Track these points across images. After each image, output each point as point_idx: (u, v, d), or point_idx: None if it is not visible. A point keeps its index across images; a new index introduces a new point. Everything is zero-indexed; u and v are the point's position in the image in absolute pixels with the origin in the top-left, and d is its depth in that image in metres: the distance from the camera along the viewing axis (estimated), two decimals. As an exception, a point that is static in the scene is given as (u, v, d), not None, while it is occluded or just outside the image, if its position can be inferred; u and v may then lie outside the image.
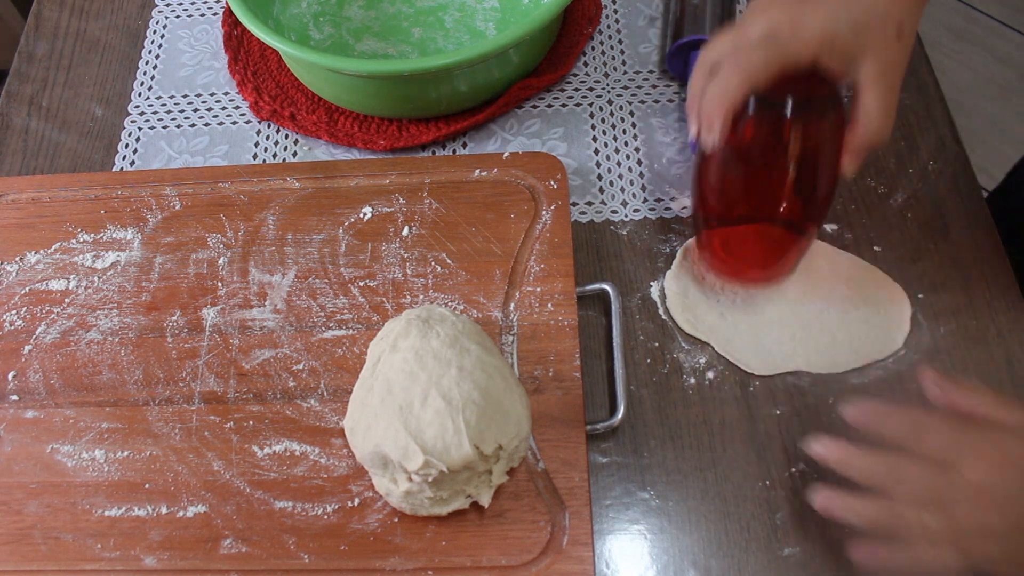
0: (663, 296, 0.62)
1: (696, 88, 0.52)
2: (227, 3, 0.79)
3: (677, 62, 0.72)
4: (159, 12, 0.82)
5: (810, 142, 0.53)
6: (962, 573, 0.44)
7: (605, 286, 0.61)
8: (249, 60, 0.76)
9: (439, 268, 0.61)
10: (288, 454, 0.55)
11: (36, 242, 0.65)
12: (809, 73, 0.50)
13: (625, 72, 0.75)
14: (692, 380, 0.59)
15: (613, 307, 0.59)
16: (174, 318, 0.61)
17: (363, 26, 0.77)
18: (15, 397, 0.59)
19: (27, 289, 0.63)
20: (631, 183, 0.68)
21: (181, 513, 0.54)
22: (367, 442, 0.51)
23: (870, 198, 0.66)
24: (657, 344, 0.60)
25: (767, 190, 0.55)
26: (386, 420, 0.50)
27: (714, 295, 0.61)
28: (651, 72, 0.75)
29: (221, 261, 0.63)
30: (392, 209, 0.64)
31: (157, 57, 0.79)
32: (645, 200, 0.67)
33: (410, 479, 0.49)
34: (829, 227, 0.65)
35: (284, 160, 0.71)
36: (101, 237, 0.65)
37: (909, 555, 0.44)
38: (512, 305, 0.59)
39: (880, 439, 0.46)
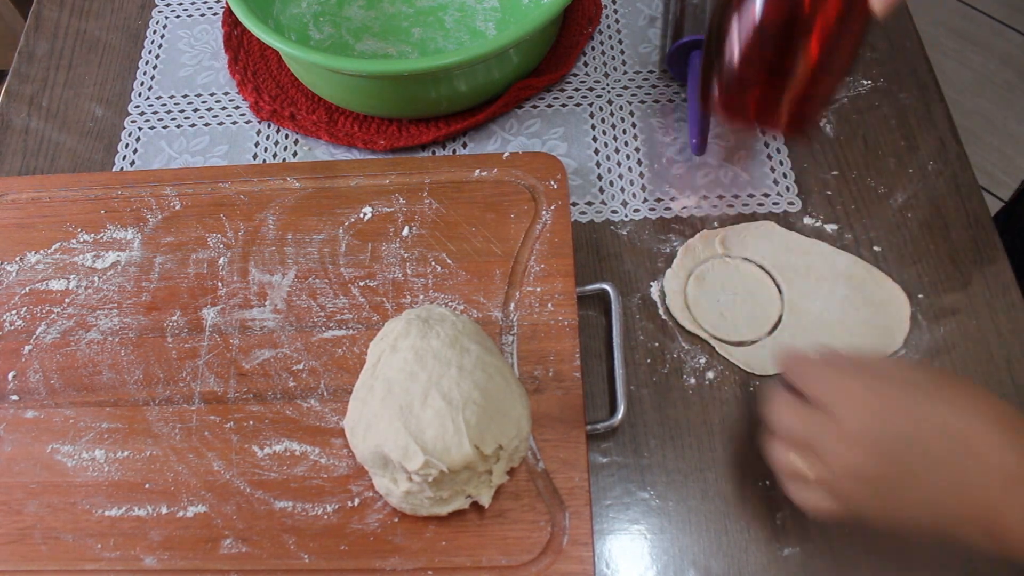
0: (663, 296, 0.62)
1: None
2: (227, 3, 0.79)
3: (677, 62, 0.72)
4: (159, 12, 0.82)
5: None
6: (837, 514, 0.46)
7: (605, 286, 0.61)
8: (249, 60, 0.76)
9: (439, 268, 0.61)
10: (288, 454, 0.55)
11: (36, 242, 0.65)
12: None
13: (625, 72, 0.75)
14: (692, 380, 0.59)
15: (613, 307, 0.59)
16: (174, 318, 0.61)
17: (363, 26, 0.77)
18: (15, 397, 0.59)
19: (27, 289, 0.63)
20: (631, 183, 0.68)
21: (181, 513, 0.54)
22: (367, 442, 0.51)
23: (870, 198, 0.66)
24: (657, 344, 0.60)
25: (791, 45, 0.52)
26: (386, 420, 0.50)
27: (714, 294, 0.61)
28: (651, 72, 0.75)
29: (221, 261, 0.63)
30: (392, 209, 0.64)
31: (157, 57, 0.79)
32: (645, 200, 0.67)
33: (410, 479, 0.49)
34: (829, 227, 0.65)
35: (284, 160, 0.71)
36: (101, 237, 0.65)
37: (791, 493, 0.48)
38: (512, 305, 0.59)
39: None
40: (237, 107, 0.75)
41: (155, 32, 0.80)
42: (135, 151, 0.73)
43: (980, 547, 0.43)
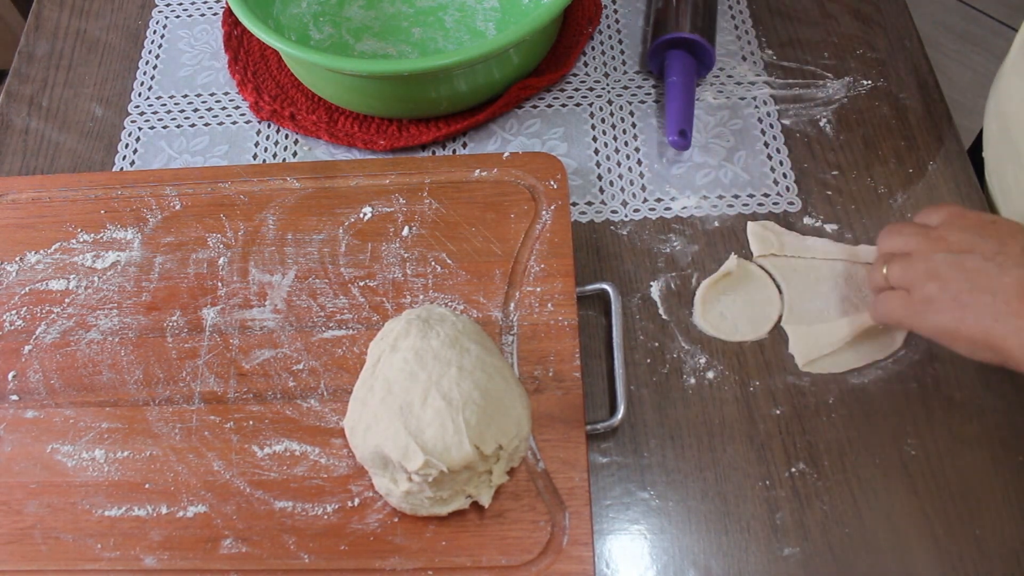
0: (663, 296, 0.62)
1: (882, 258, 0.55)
2: (227, 3, 0.79)
3: (657, 60, 0.72)
4: (159, 12, 0.82)
5: None
6: (904, 321, 0.52)
7: (605, 286, 0.61)
8: (249, 60, 0.76)
9: (439, 268, 0.61)
10: (288, 454, 0.55)
11: (36, 242, 0.65)
12: None
13: (625, 72, 0.75)
14: (692, 380, 0.59)
15: (613, 307, 0.59)
16: (174, 318, 0.61)
17: (363, 26, 0.77)
18: (15, 397, 0.59)
19: (27, 289, 0.63)
20: (631, 183, 0.68)
21: (181, 513, 0.54)
22: (367, 442, 0.51)
23: (870, 198, 0.66)
24: (657, 344, 0.60)
25: None
26: (386, 420, 0.50)
27: (714, 294, 0.61)
28: (651, 72, 0.74)
29: (221, 261, 0.63)
30: (392, 209, 0.64)
31: (157, 57, 0.79)
32: (645, 200, 0.67)
33: (410, 479, 0.49)
34: (829, 227, 0.65)
35: (284, 160, 0.71)
36: (101, 237, 0.65)
37: (874, 307, 0.54)
38: (512, 305, 0.59)
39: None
40: (237, 107, 0.75)
41: (155, 32, 0.80)
42: (135, 151, 0.73)
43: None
